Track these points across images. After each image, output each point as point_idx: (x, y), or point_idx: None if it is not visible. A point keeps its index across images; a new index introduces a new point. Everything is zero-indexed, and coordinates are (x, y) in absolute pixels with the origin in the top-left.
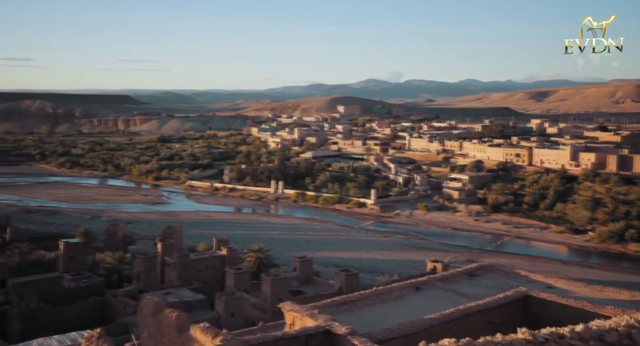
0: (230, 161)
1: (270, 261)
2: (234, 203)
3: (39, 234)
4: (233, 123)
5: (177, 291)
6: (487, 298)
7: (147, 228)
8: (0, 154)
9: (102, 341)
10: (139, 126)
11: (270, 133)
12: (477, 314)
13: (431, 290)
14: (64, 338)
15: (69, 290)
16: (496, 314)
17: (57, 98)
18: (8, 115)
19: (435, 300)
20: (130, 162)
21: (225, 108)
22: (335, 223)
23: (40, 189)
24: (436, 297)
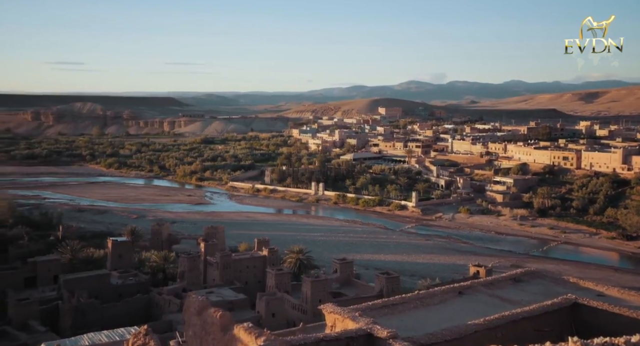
0: (272, 162)
1: (310, 262)
2: (275, 204)
3: (89, 232)
4: (274, 125)
5: (219, 290)
6: (534, 305)
7: (190, 228)
8: (54, 155)
9: (149, 337)
10: (184, 128)
11: (311, 135)
12: (523, 321)
13: (475, 295)
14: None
15: (116, 287)
16: (543, 321)
17: (107, 100)
18: (61, 117)
19: (479, 306)
20: (175, 163)
21: (267, 110)
22: (376, 226)
23: (90, 189)
24: (480, 302)
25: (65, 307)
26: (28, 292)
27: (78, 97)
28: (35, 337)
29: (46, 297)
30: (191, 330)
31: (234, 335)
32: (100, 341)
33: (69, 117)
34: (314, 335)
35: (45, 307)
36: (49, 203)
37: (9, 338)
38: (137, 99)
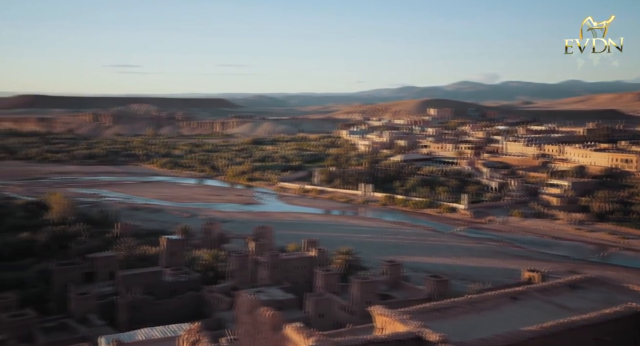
0: (320, 163)
1: (358, 264)
2: (323, 205)
3: (144, 230)
4: (323, 126)
5: (268, 289)
6: (594, 313)
7: (240, 227)
8: (111, 155)
9: (201, 334)
10: (234, 129)
11: (360, 136)
12: (582, 329)
13: (529, 300)
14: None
15: (169, 284)
16: (604, 330)
17: (161, 102)
18: (118, 119)
19: (534, 312)
20: (226, 163)
21: (316, 111)
22: (425, 228)
23: (145, 188)
24: (535, 309)
25: (122, 302)
26: (87, 287)
27: (134, 99)
28: (94, 330)
29: (104, 292)
30: (242, 328)
31: (284, 335)
32: (154, 337)
33: (126, 118)
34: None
35: (103, 302)
36: (107, 202)
37: (69, 330)
38: (190, 101)
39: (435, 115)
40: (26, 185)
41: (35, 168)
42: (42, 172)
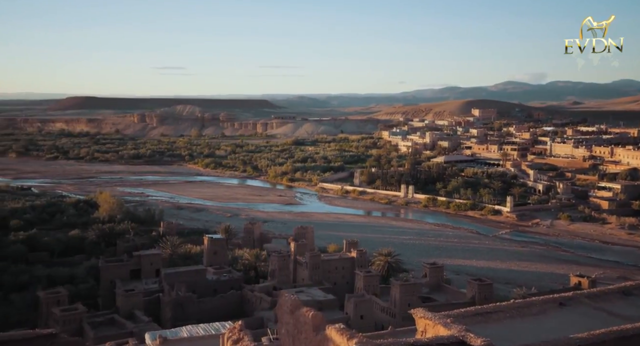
0: (361, 164)
1: (399, 265)
2: (363, 206)
3: (187, 229)
4: (365, 127)
5: (308, 290)
6: None
7: (281, 227)
8: (157, 155)
9: (243, 333)
10: (276, 129)
11: (402, 137)
12: (635, 338)
13: (577, 307)
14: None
15: (211, 283)
16: None
17: (205, 103)
18: (164, 120)
19: (583, 319)
20: (267, 164)
21: (358, 112)
22: (467, 231)
23: (188, 187)
24: (584, 315)
25: (166, 299)
26: (133, 284)
27: (179, 100)
28: (140, 326)
29: (149, 289)
30: (284, 328)
31: (325, 335)
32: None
33: (171, 119)
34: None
35: (148, 298)
36: (152, 201)
37: (117, 326)
38: (232, 101)
39: (479, 116)
40: (77, 183)
41: (85, 167)
42: (91, 171)
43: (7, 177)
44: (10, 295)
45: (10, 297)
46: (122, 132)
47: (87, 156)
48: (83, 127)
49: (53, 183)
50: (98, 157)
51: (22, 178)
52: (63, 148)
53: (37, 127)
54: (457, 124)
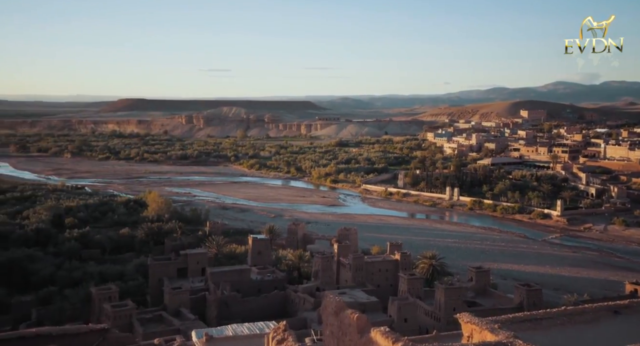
0: (405, 166)
1: (444, 269)
2: (407, 208)
3: (232, 229)
4: (409, 129)
5: (351, 291)
6: None
7: (324, 228)
8: (203, 155)
9: (288, 333)
10: (320, 131)
11: (447, 138)
12: None
13: (634, 315)
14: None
15: (256, 282)
16: None
17: (250, 105)
18: (210, 121)
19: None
20: (311, 165)
21: (402, 113)
22: (515, 234)
23: (233, 188)
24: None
25: (211, 298)
26: (180, 282)
27: (225, 102)
28: (187, 324)
29: (195, 287)
30: (328, 329)
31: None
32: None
33: (217, 120)
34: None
35: (195, 297)
36: (198, 201)
37: (164, 323)
38: (277, 103)
39: (528, 117)
40: (127, 183)
41: (135, 167)
42: (140, 171)
43: (63, 177)
44: (64, 290)
45: (64, 292)
46: (170, 133)
47: (136, 156)
48: (133, 128)
49: (105, 183)
50: (147, 157)
51: (76, 177)
52: (114, 149)
53: (91, 128)
54: (504, 126)
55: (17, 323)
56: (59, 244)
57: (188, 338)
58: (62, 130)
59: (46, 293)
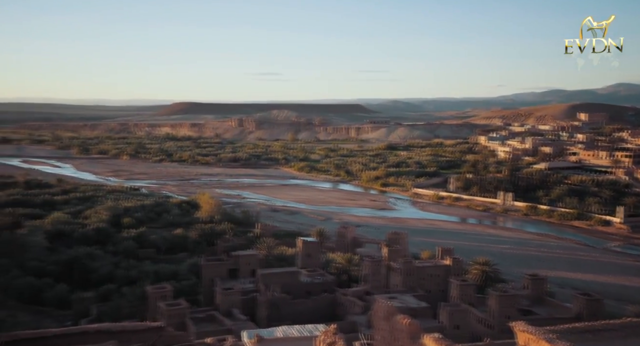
0: (457, 170)
1: (497, 276)
2: (458, 213)
3: (282, 231)
4: (460, 132)
5: (401, 296)
6: None
7: (373, 232)
8: (253, 158)
9: (337, 336)
10: (369, 134)
11: (500, 142)
12: None
13: None
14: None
15: (305, 285)
16: None
17: (300, 108)
18: (261, 124)
19: None
20: (360, 168)
21: (453, 116)
22: (573, 241)
23: (283, 190)
24: None
25: (262, 299)
26: (231, 282)
27: (275, 105)
28: (238, 324)
29: (246, 288)
30: (379, 334)
31: (422, 344)
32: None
33: (267, 123)
34: None
35: (245, 298)
36: (249, 203)
37: (216, 322)
38: (326, 106)
39: (587, 120)
40: (180, 185)
41: (188, 169)
42: (193, 173)
43: (121, 178)
44: (122, 288)
45: (122, 290)
46: (222, 136)
47: (189, 159)
48: (186, 131)
49: (159, 184)
50: (199, 160)
51: (133, 179)
52: (168, 151)
53: (146, 131)
54: (561, 129)
55: (78, 318)
56: (117, 243)
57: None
58: (120, 133)
59: (105, 291)
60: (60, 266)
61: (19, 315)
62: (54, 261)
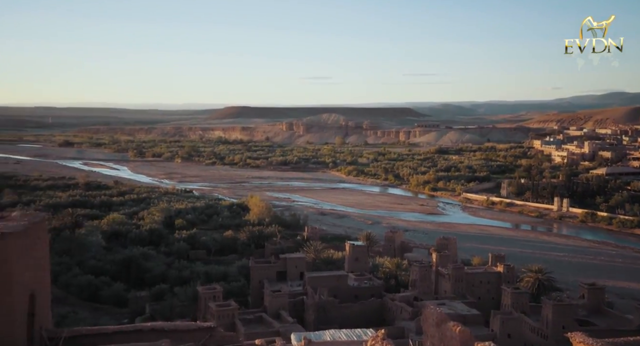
0: (509, 175)
1: (552, 284)
2: (511, 218)
3: (330, 235)
4: (513, 136)
5: (451, 303)
6: None
7: (422, 237)
8: (302, 161)
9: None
10: (419, 137)
11: (555, 146)
12: None
13: None
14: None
15: (353, 289)
16: None
17: (349, 112)
18: (310, 127)
19: None
20: (409, 172)
21: (506, 120)
22: (634, 250)
23: (331, 194)
24: None
25: (310, 302)
26: (279, 285)
27: (325, 109)
28: (286, 327)
29: (294, 291)
30: (429, 341)
31: None
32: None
33: (316, 127)
34: None
35: (293, 300)
36: (298, 206)
37: (265, 324)
38: (376, 110)
39: None
40: (230, 187)
41: (238, 172)
42: (243, 176)
43: (174, 180)
44: (174, 288)
45: (174, 290)
46: (272, 140)
47: (240, 162)
48: (237, 134)
49: (211, 187)
50: (250, 163)
51: (185, 181)
52: (220, 155)
53: (199, 134)
54: (622, 133)
55: (133, 316)
56: (169, 244)
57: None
58: (174, 136)
59: (158, 290)
60: (116, 266)
61: (79, 311)
62: (111, 260)
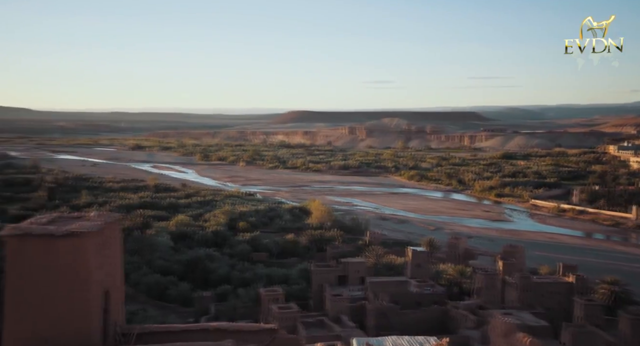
0: (581, 181)
1: (629, 297)
2: (583, 227)
3: (391, 240)
4: (586, 141)
5: (518, 313)
6: None
7: (487, 244)
8: (364, 166)
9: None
10: (484, 142)
11: (633, 151)
12: None
13: None
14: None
15: (414, 295)
16: None
17: (412, 116)
18: (371, 132)
19: None
20: (473, 178)
21: (578, 124)
22: None
23: (392, 199)
24: None
25: (370, 307)
26: (340, 289)
27: (387, 113)
28: (346, 331)
29: (354, 296)
30: None
31: None
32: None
33: (378, 131)
34: None
35: (353, 305)
36: (358, 210)
37: (325, 328)
38: (439, 114)
39: None
40: (292, 191)
41: (300, 176)
42: (304, 180)
43: (238, 183)
44: (237, 289)
45: (237, 291)
46: (333, 144)
47: (301, 166)
48: (299, 139)
49: (273, 190)
50: (311, 167)
51: (248, 184)
52: (282, 159)
53: (262, 138)
54: None
55: (198, 315)
56: (233, 246)
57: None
58: (238, 140)
59: (222, 291)
60: (182, 266)
61: (148, 309)
62: (177, 260)
